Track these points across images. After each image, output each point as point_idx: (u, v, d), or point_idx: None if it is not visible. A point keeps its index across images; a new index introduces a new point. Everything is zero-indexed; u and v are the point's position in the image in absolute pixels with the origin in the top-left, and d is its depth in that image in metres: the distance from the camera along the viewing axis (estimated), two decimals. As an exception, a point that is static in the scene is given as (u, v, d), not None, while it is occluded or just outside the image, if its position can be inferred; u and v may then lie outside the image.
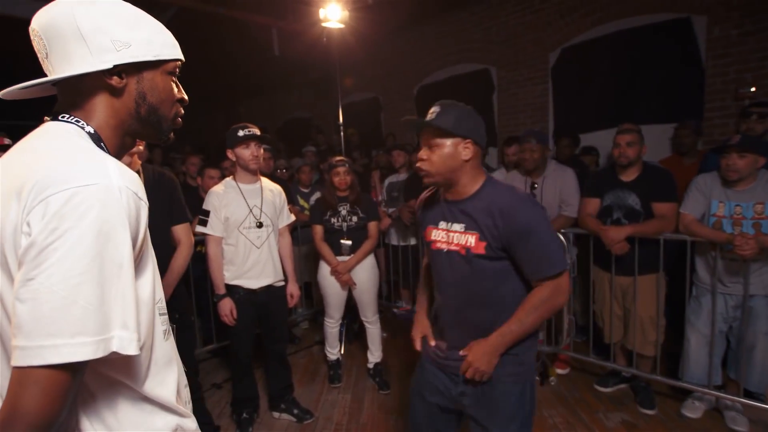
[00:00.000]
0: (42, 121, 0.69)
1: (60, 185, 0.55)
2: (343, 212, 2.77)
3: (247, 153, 2.19)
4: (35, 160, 0.60)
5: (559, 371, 2.86)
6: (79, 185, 0.56)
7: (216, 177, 3.19)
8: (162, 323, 0.75)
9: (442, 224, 1.37)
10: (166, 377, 0.73)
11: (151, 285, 0.70)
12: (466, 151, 1.28)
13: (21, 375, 0.53)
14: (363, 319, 2.91)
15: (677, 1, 3.72)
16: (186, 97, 0.78)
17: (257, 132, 2.21)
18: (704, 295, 2.38)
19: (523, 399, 1.33)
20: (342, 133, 4.81)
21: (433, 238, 1.40)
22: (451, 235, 1.34)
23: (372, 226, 2.82)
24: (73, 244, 0.54)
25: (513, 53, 4.96)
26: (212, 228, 2.21)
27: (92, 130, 0.68)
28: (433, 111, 1.29)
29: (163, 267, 1.87)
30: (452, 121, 1.25)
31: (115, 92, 0.69)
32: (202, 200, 2.34)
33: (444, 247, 1.35)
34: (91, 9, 0.65)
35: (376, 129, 6.78)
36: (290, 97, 8.59)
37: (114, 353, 0.57)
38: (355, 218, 2.77)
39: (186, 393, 0.82)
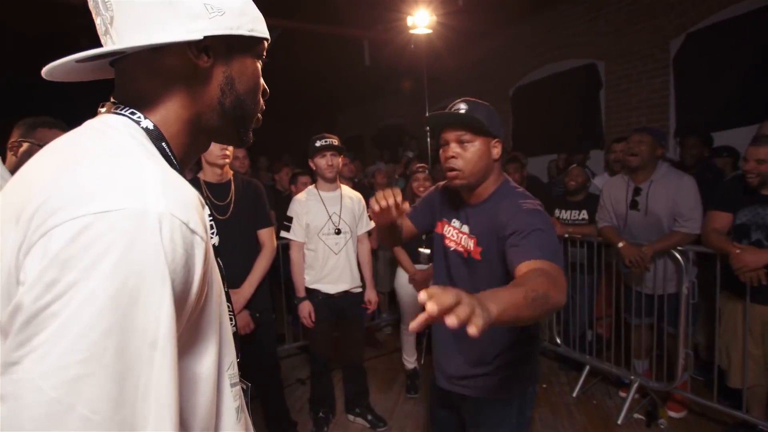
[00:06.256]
0: (95, 114, 0.54)
1: (68, 211, 0.37)
2: (422, 220, 2.72)
3: (323, 162, 2.28)
4: (49, 172, 0.42)
5: (672, 414, 2.43)
6: (95, 211, 0.37)
7: (308, 183, 3.39)
8: (234, 398, 0.54)
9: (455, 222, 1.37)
10: None
11: (215, 352, 0.49)
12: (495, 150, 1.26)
13: None
14: (440, 331, 2.82)
15: None
16: (267, 88, 0.63)
17: (334, 142, 2.29)
18: None
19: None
20: (429, 140, 4.77)
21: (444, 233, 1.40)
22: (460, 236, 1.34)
23: (451, 235, 2.72)
24: (77, 309, 0.35)
25: (625, 44, 4.40)
26: (294, 233, 2.34)
27: (151, 125, 0.51)
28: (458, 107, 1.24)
29: (250, 266, 2.04)
30: (486, 117, 1.21)
31: (199, 76, 0.52)
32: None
33: (452, 245, 1.36)
34: None
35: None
36: (383, 105, 8.82)
37: None
38: (434, 227, 2.71)
39: None
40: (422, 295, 0.59)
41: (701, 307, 2.61)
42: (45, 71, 0.50)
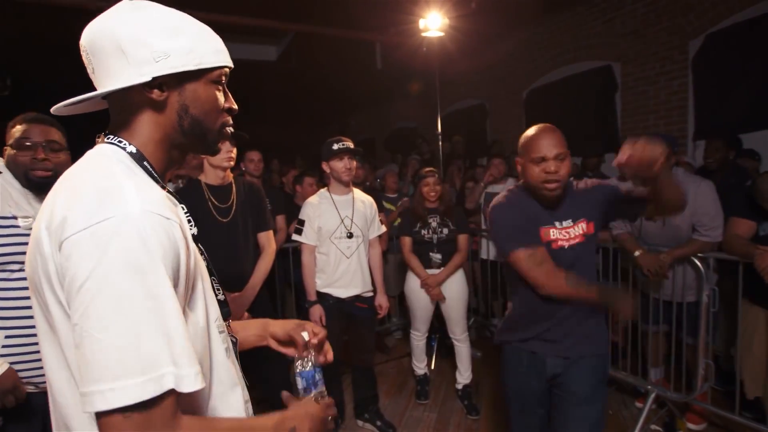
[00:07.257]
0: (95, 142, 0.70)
1: (80, 223, 0.55)
2: (434, 224, 2.69)
3: (341, 165, 2.27)
4: (63, 194, 0.61)
5: (692, 426, 2.35)
6: (96, 222, 0.55)
7: (314, 184, 3.40)
8: (222, 341, 0.73)
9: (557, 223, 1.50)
10: (230, 398, 0.73)
11: (204, 307, 0.69)
12: None
13: (97, 421, 0.54)
14: (451, 336, 2.78)
15: None
16: (235, 106, 0.74)
17: (350, 145, 2.27)
18: None
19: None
20: (440, 143, 4.73)
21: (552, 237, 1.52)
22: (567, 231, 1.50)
23: (462, 239, 2.70)
24: (98, 283, 0.53)
25: (642, 45, 4.32)
26: (306, 237, 2.33)
27: (134, 150, 0.67)
28: None
29: (251, 269, 2.04)
30: None
31: (158, 106, 0.67)
32: (297, 207, 2.49)
33: (565, 244, 1.48)
34: (130, 20, 0.63)
35: (482, 136, 6.54)
36: (395, 108, 8.80)
37: (173, 390, 0.55)
38: (446, 230, 2.68)
39: (248, 408, 0.79)
40: None
41: (721, 315, 2.53)
42: (53, 110, 0.68)
